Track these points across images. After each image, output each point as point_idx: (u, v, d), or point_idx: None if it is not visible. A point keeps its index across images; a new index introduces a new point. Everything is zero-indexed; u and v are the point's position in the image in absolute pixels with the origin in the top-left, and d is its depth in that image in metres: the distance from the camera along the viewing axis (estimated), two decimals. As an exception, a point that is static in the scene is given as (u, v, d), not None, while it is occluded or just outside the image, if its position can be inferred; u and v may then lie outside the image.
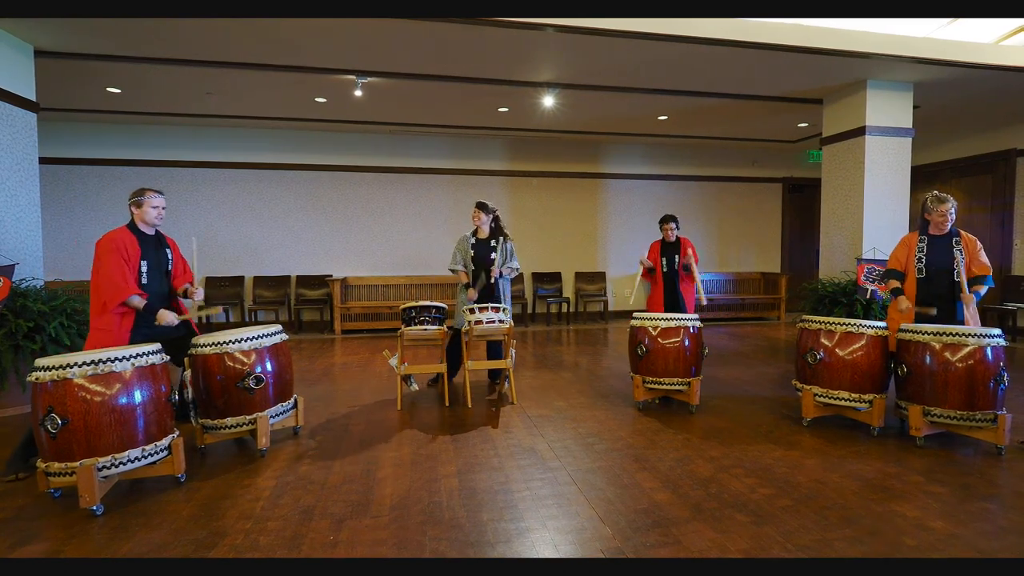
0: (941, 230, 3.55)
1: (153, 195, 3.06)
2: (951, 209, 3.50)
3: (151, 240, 3.08)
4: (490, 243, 4.43)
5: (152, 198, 3.05)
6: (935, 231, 3.57)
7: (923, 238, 3.60)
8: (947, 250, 3.51)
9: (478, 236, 4.45)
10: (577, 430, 3.48)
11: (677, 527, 2.25)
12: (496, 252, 4.40)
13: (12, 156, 4.31)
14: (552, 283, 8.69)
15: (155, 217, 3.05)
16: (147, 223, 3.05)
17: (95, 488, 2.35)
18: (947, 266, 3.50)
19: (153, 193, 3.06)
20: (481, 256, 4.40)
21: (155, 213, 3.05)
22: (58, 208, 7.21)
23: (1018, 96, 6.02)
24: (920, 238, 3.62)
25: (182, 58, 4.94)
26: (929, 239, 3.59)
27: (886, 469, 2.85)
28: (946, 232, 3.54)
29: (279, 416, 3.22)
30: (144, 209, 3.02)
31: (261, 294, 7.74)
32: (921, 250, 3.58)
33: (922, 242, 3.60)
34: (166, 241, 3.20)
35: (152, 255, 3.05)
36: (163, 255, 3.13)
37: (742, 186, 9.46)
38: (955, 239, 3.52)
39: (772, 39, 4.58)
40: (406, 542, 2.14)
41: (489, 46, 4.69)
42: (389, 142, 8.13)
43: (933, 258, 3.54)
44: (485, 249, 4.42)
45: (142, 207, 3.02)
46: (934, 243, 3.56)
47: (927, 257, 3.56)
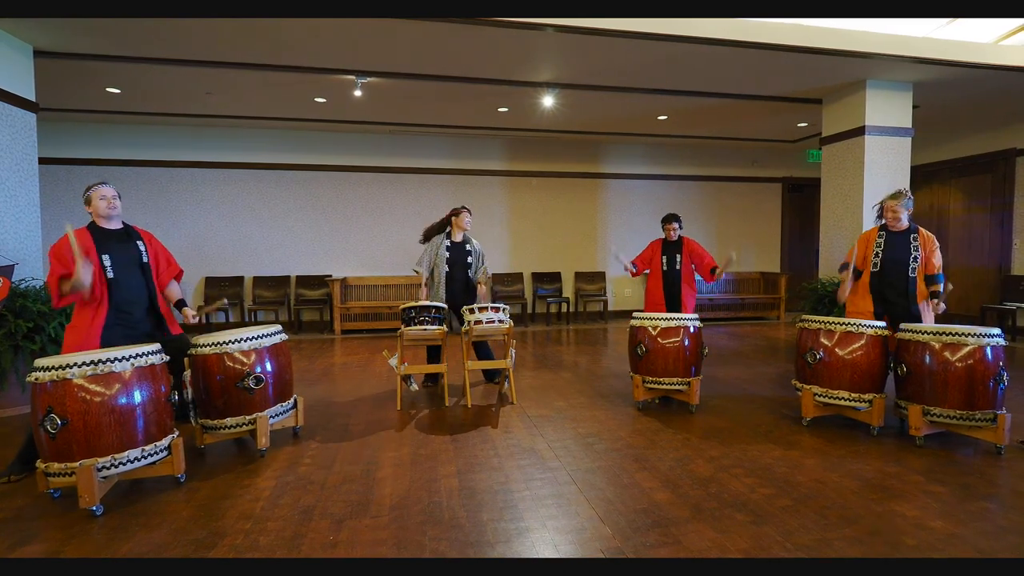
0: (895, 225, 3.64)
1: (99, 186, 2.91)
2: (901, 204, 3.59)
3: (113, 234, 2.92)
4: (464, 247, 4.45)
5: (98, 189, 2.90)
6: (892, 227, 3.66)
7: (882, 233, 3.71)
8: (904, 246, 3.61)
9: (453, 239, 4.45)
10: (577, 430, 3.48)
11: (677, 527, 2.25)
12: (471, 256, 4.46)
13: (12, 156, 4.30)
14: (552, 283, 8.69)
15: (106, 208, 2.88)
16: (102, 216, 2.90)
17: (95, 488, 2.35)
18: (902, 261, 3.59)
19: (99, 185, 2.92)
20: (456, 259, 4.42)
21: (104, 204, 2.88)
22: (58, 208, 7.21)
23: (1018, 96, 6.03)
24: (879, 233, 3.72)
25: (182, 58, 4.94)
26: (888, 234, 3.68)
27: (886, 469, 2.85)
28: (904, 228, 3.63)
29: (279, 416, 3.22)
30: (93, 204, 2.89)
31: (261, 294, 7.74)
32: (879, 244, 3.68)
33: (880, 237, 3.70)
34: (137, 234, 3.03)
35: (116, 248, 2.89)
36: (133, 248, 2.96)
37: (742, 186, 9.46)
38: (913, 235, 3.61)
39: (772, 39, 4.58)
40: (406, 542, 2.14)
41: (489, 46, 4.69)
42: (389, 142, 8.13)
43: (889, 253, 3.64)
44: (461, 252, 4.45)
45: (91, 203, 2.89)
46: (892, 238, 3.66)
47: (883, 252, 3.65)
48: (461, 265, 4.44)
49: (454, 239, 4.45)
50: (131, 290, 2.90)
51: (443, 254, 4.40)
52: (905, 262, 3.59)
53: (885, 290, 3.66)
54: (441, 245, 4.42)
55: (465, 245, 4.48)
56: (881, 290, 3.67)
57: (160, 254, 3.12)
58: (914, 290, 3.59)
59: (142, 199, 7.45)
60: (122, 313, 2.86)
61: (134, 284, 2.91)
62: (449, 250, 4.42)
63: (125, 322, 2.87)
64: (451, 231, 4.47)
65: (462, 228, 4.46)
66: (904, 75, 5.41)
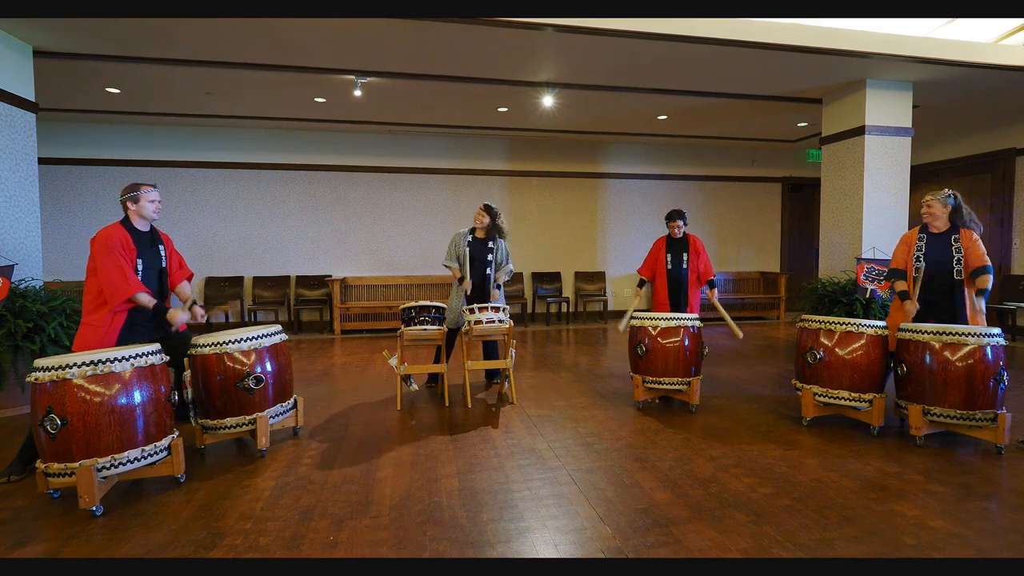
0: (934, 227, 3.51)
1: (148, 189, 2.95)
2: (939, 200, 3.45)
3: (145, 237, 2.98)
4: (487, 244, 4.42)
5: (148, 192, 2.94)
6: (932, 228, 3.52)
7: (922, 235, 3.56)
8: (945, 247, 3.46)
9: (475, 235, 4.44)
10: (577, 430, 3.48)
11: (677, 527, 2.25)
12: (492, 253, 4.40)
13: (11, 156, 4.30)
14: (552, 283, 8.69)
15: (153, 212, 2.95)
16: (144, 218, 2.96)
17: (94, 489, 2.35)
18: (945, 263, 3.44)
19: (148, 187, 2.95)
20: (477, 255, 4.38)
21: (153, 208, 2.95)
22: (57, 208, 7.21)
23: (1018, 95, 6.03)
24: (920, 235, 3.57)
25: (182, 58, 4.94)
26: (928, 236, 3.53)
27: (886, 468, 2.85)
28: (945, 229, 3.49)
29: (279, 416, 3.22)
30: (141, 204, 2.92)
31: (260, 294, 7.74)
32: (920, 248, 3.54)
33: (921, 240, 3.55)
34: (160, 237, 3.08)
35: (147, 253, 2.95)
36: (157, 253, 3.02)
37: (742, 186, 9.46)
38: (954, 236, 3.45)
39: (772, 39, 4.58)
40: (406, 542, 2.14)
41: (489, 46, 4.69)
42: (389, 142, 8.12)
43: (931, 255, 3.49)
44: (482, 249, 4.40)
45: (139, 202, 2.92)
46: (933, 240, 3.51)
47: (925, 255, 3.51)
48: (480, 262, 4.38)
49: (476, 235, 4.44)
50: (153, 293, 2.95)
51: (464, 249, 4.38)
52: (948, 264, 3.43)
53: (929, 295, 3.50)
54: (463, 240, 4.41)
55: (487, 242, 4.42)
56: (925, 295, 3.51)
57: (174, 257, 3.19)
58: (961, 294, 3.40)
59: (142, 199, 7.44)
60: (138, 314, 2.90)
61: (153, 287, 2.97)
62: (470, 245, 4.40)
63: (139, 322, 2.92)
64: (474, 227, 4.47)
65: (476, 225, 4.42)
66: (904, 75, 5.41)
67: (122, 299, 2.77)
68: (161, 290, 3.05)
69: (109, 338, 2.79)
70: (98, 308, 2.81)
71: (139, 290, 2.81)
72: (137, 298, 2.81)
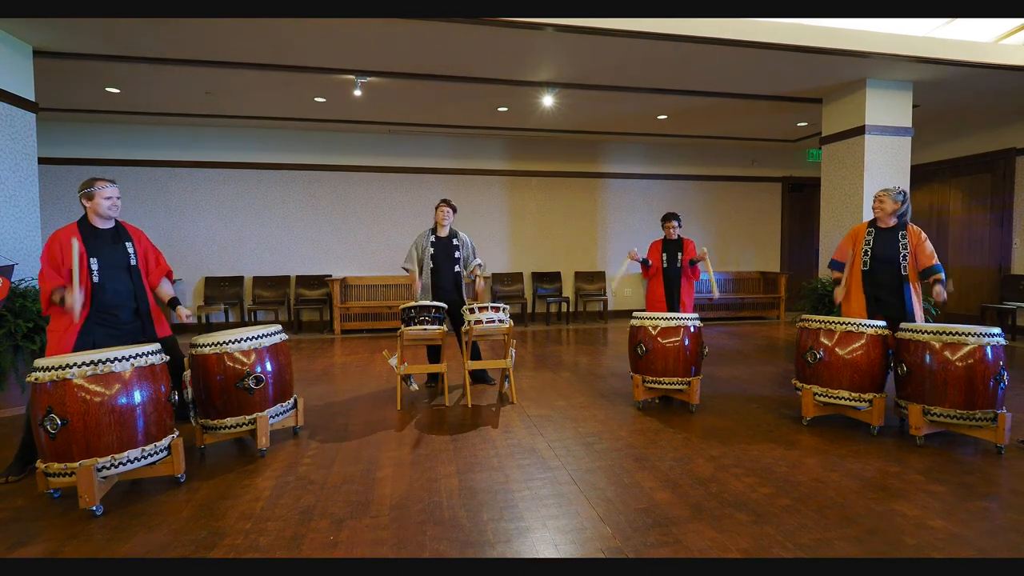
0: (883, 222, 3.62)
1: (104, 185, 2.79)
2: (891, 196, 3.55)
3: (106, 234, 2.84)
4: (452, 241, 4.40)
5: (103, 188, 2.79)
6: (880, 223, 3.64)
7: (871, 230, 3.67)
8: (892, 243, 3.58)
9: (438, 234, 4.41)
10: (577, 430, 3.48)
11: (677, 526, 2.25)
12: (459, 250, 4.39)
13: (11, 156, 4.30)
14: (552, 283, 8.69)
15: (108, 208, 2.79)
16: (100, 215, 2.81)
17: (94, 488, 2.35)
18: (891, 258, 3.56)
19: (104, 183, 2.80)
20: (442, 254, 4.37)
21: (108, 204, 2.79)
22: (57, 208, 7.21)
23: (1018, 95, 6.03)
24: (868, 230, 3.69)
25: (182, 58, 4.94)
26: (876, 231, 3.65)
27: (886, 468, 2.85)
28: (892, 225, 3.60)
29: (279, 416, 3.22)
30: (96, 201, 2.77)
31: (260, 294, 7.74)
32: (868, 243, 3.65)
33: (869, 234, 3.66)
34: (127, 233, 2.92)
35: (106, 250, 2.80)
36: (121, 250, 2.86)
37: (742, 185, 9.46)
38: (901, 232, 3.58)
39: (772, 39, 4.58)
40: (406, 542, 2.14)
41: (489, 46, 4.69)
42: (389, 142, 8.12)
43: (878, 250, 3.61)
44: (446, 248, 4.38)
45: (93, 199, 2.77)
46: (881, 235, 3.63)
47: (872, 249, 3.62)
48: (448, 260, 4.37)
49: (439, 234, 4.41)
50: (117, 294, 2.81)
51: (427, 250, 4.35)
52: (895, 260, 3.56)
53: (876, 290, 3.62)
54: (425, 240, 4.38)
55: (452, 240, 4.40)
56: (873, 290, 3.63)
57: (149, 253, 3.03)
58: (908, 289, 3.54)
59: (142, 199, 7.45)
60: (105, 315, 2.78)
61: (121, 287, 2.83)
62: (433, 245, 4.37)
63: (109, 323, 2.79)
64: (435, 226, 4.45)
65: (440, 222, 4.38)
66: (904, 74, 5.41)
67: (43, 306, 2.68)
68: (134, 288, 2.88)
69: (66, 343, 2.67)
70: (57, 313, 2.72)
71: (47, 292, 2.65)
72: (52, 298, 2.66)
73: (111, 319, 2.80)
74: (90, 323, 2.73)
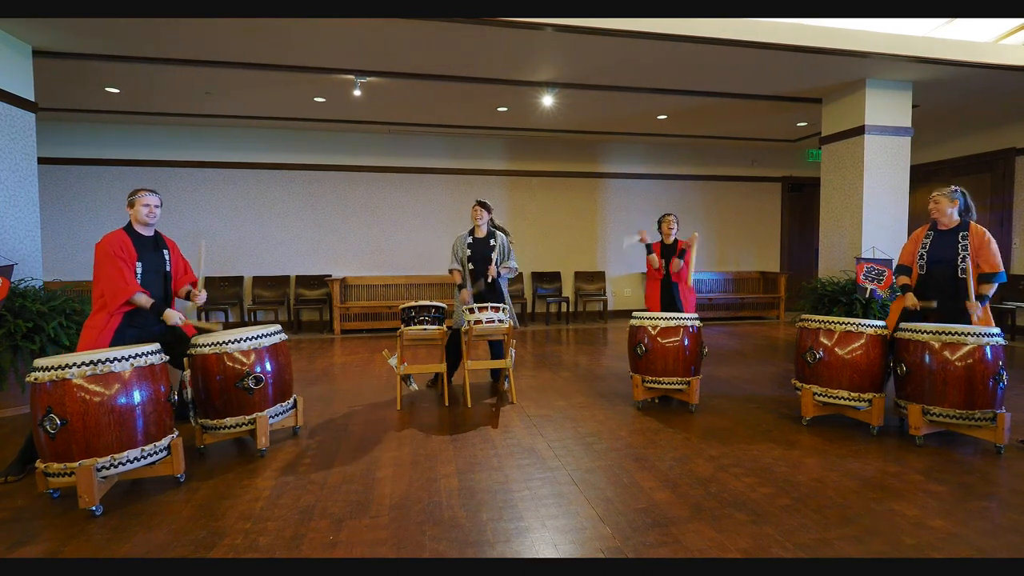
0: (942, 223, 3.45)
1: (145, 194, 3.01)
2: (944, 195, 3.40)
3: (148, 241, 3.05)
4: (488, 241, 4.40)
5: (143, 196, 3.00)
6: (940, 225, 3.47)
7: (929, 233, 3.51)
8: (951, 245, 3.38)
9: (475, 235, 4.43)
10: (577, 430, 3.48)
11: (677, 526, 2.25)
12: (495, 251, 4.38)
13: (11, 156, 4.30)
14: (551, 283, 8.69)
15: (146, 215, 2.99)
16: (140, 222, 3.01)
17: (94, 488, 2.35)
18: (948, 261, 3.37)
19: (145, 192, 3.02)
20: (479, 255, 4.37)
21: (146, 211, 2.99)
22: (57, 208, 7.21)
23: (1017, 95, 6.03)
24: (927, 232, 3.52)
25: (182, 58, 4.94)
26: (935, 233, 3.48)
27: (885, 468, 2.85)
28: (953, 225, 3.42)
29: (278, 416, 3.22)
30: (136, 208, 2.99)
31: (260, 294, 7.74)
32: (924, 245, 3.49)
33: (927, 237, 3.50)
34: (164, 242, 3.16)
35: (149, 257, 3.02)
36: (160, 257, 3.09)
37: (741, 185, 9.46)
38: (962, 233, 3.37)
39: (771, 39, 4.58)
40: (406, 542, 2.14)
41: (489, 46, 4.69)
42: (388, 142, 8.12)
43: (934, 253, 3.44)
44: (484, 248, 4.38)
45: (134, 206, 3.00)
46: (939, 237, 3.45)
47: (928, 252, 3.47)
48: (484, 261, 4.34)
49: (476, 235, 4.42)
50: (155, 298, 2.99)
51: (465, 251, 4.37)
52: (952, 262, 3.34)
53: (931, 293, 3.43)
54: (463, 241, 4.40)
55: (489, 240, 4.39)
56: (927, 293, 3.45)
57: (180, 263, 3.24)
58: (964, 293, 3.29)
59: (142, 199, 7.44)
60: (137, 317, 2.95)
61: (156, 292, 3.03)
62: (471, 246, 4.39)
63: (139, 325, 2.97)
64: (473, 227, 4.46)
65: (475, 222, 4.40)
66: (904, 74, 5.41)
67: (120, 301, 2.84)
68: (165, 294, 3.11)
69: (103, 339, 2.84)
70: (99, 311, 2.89)
71: (136, 291, 2.88)
72: (135, 299, 2.88)
73: (141, 322, 2.98)
74: (124, 324, 2.91)
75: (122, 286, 2.84)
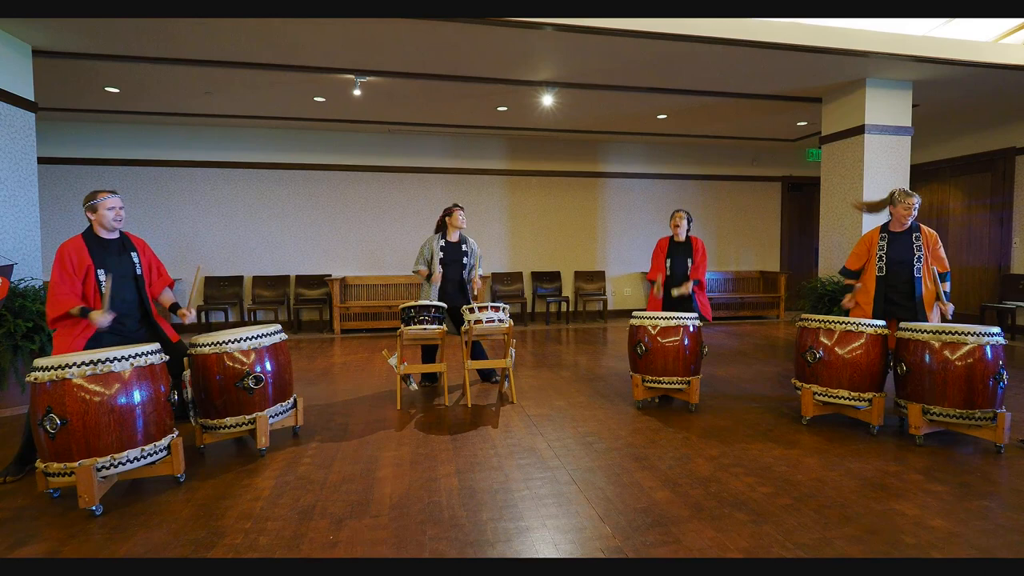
0: (902, 225, 3.59)
1: (106, 196, 2.84)
2: (916, 204, 3.55)
3: (112, 245, 2.89)
4: (460, 247, 4.44)
5: (106, 199, 2.84)
6: (896, 227, 3.61)
7: (883, 235, 3.65)
8: (907, 246, 3.56)
9: (448, 239, 4.43)
10: (577, 429, 3.48)
11: (677, 526, 2.25)
12: (467, 256, 4.44)
13: (10, 156, 4.30)
14: (551, 282, 8.69)
15: (112, 219, 2.84)
16: (105, 227, 2.86)
17: (94, 488, 2.35)
18: (906, 262, 3.55)
19: (106, 194, 2.85)
20: (451, 260, 4.40)
21: (112, 215, 2.84)
22: (57, 208, 7.21)
23: (1017, 94, 6.03)
24: (881, 235, 3.66)
25: (181, 58, 4.94)
26: (890, 235, 3.63)
27: (885, 467, 2.85)
28: (906, 228, 3.59)
29: (278, 416, 3.22)
30: (100, 213, 2.82)
31: (260, 294, 7.74)
32: (881, 247, 3.63)
33: (883, 239, 3.64)
34: (132, 243, 2.99)
35: (113, 261, 2.86)
36: (127, 260, 2.92)
37: (741, 185, 9.46)
38: (915, 234, 3.56)
39: (771, 38, 4.58)
40: (405, 542, 2.14)
41: (488, 45, 4.69)
42: (388, 141, 8.12)
43: (893, 254, 3.58)
44: (456, 253, 4.42)
45: (97, 211, 2.83)
46: (895, 238, 3.61)
47: (887, 253, 3.59)
48: (456, 264, 4.40)
49: (449, 238, 4.43)
50: (124, 303, 2.88)
51: (437, 253, 4.37)
52: (909, 263, 3.55)
53: (891, 293, 3.61)
54: (436, 243, 4.40)
55: (461, 245, 4.45)
56: (887, 293, 3.62)
57: (153, 264, 3.09)
58: (920, 292, 3.53)
59: (141, 199, 7.45)
60: (113, 323, 2.81)
61: (128, 296, 2.91)
62: (444, 249, 4.39)
63: (117, 331, 2.85)
64: (446, 230, 4.45)
65: (456, 226, 4.41)
66: (903, 74, 5.41)
67: (55, 315, 2.70)
68: (139, 298, 2.96)
69: (78, 344, 2.71)
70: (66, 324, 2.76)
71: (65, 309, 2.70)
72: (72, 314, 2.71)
73: (118, 327, 2.87)
74: (99, 332, 2.78)
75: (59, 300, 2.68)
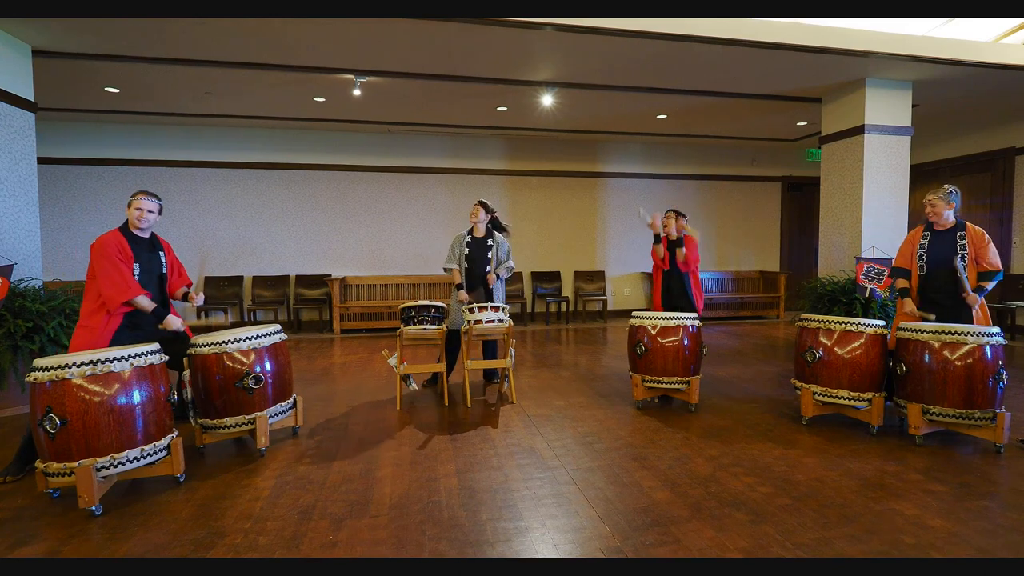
0: (938, 223, 3.46)
1: (140, 197, 2.98)
2: (940, 196, 3.40)
3: (144, 243, 3.04)
4: (486, 242, 4.41)
5: (138, 200, 2.98)
6: (937, 225, 3.47)
7: (926, 233, 3.51)
8: (949, 245, 3.40)
9: (474, 235, 4.43)
10: (576, 429, 3.48)
11: (676, 526, 2.25)
12: (492, 251, 4.39)
13: (10, 156, 4.30)
14: (551, 282, 8.69)
15: (136, 218, 2.97)
16: (133, 225, 3.00)
17: (94, 488, 2.35)
18: (947, 261, 3.38)
19: (142, 196, 2.99)
20: (477, 255, 4.38)
21: (136, 215, 2.96)
22: (56, 208, 7.21)
23: (1017, 94, 6.03)
24: (923, 233, 3.52)
25: (181, 58, 4.94)
26: (932, 234, 3.48)
27: (885, 467, 2.85)
28: (950, 226, 3.43)
29: (278, 416, 3.22)
30: (130, 211, 2.98)
31: (260, 294, 7.74)
32: (923, 246, 3.49)
33: (924, 237, 3.50)
34: (160, 244, 3.15)
35: (145, 258, 3.01)
36: (156, 259, 3.08)
37: (741, 185, 9.46)
38: (960, 233, 3.39)
39: (771, 38, 4.58)
40: (405, 542, 2.14)
41: (488, 45, 4.69)
42: (388, 141, 8.12)
43: (934, 253, 3.44)
44: (481, 248, 4.39)
45: (129, 207, 2.99)
46: (937, 237, 3.46)
47: (928, 253, 3.47)
48: (481, 261, 4.37)
49: (475, 234, 4.43)
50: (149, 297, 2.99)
51: (463, 250, 4.38)
52: (950, 262, 3.35)
53: (933, 293, 3.45)
54: (462, 241, 4.41)
55: (487, 240, 4.41)
56: (928, 293, 3.47)
57: (175, 265, 3.25)
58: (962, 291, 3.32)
59: (141, 199, 7.44)
60: (137, 319, 2.94)
61: (153, 293, 3.02)
62: (469, 246, 4.40)
63: (137, 325, 2.96)
64: (472, 227, 4.47)
65: (472, 222, 4.42)
66: (903, 74, 5.41)
67: (121, 302, 2.82)
68: (161, 296, 3.11)
69: (103, 339, 2.83)
70: (95, 311, 2.86)
71: (138, 293, 2.87)
72: (136, 302, 2.87)
73: (140, 322, 2.96)
74: (124, 325, 2.90)
75: (123, 287, 2.82)
